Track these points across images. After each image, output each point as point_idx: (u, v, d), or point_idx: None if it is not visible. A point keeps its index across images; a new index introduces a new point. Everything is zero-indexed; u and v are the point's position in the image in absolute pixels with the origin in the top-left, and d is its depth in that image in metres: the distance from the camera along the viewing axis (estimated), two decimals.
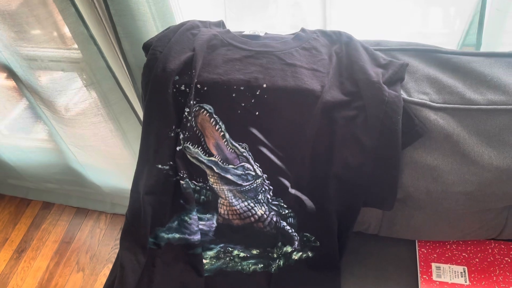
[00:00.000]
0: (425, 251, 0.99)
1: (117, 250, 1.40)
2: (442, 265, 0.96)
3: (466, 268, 0.95)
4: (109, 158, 1.53)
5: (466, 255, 0.97)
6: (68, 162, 1.62)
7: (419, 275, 0.94)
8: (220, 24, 0.99)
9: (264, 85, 0.86)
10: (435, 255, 0.98)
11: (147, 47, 0.93)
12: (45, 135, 1.58)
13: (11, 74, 1.33)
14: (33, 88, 1.31)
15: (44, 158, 1.67)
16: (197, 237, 0.91)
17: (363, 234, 1.03)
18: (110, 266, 1.60)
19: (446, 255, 0.98)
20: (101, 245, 1.69)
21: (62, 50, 1.24)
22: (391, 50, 0.90)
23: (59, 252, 1.68)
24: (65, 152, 1.56)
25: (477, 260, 0.96)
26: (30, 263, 1.66)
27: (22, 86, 1.36)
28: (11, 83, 1.39)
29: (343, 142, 0.85)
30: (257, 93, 0.86)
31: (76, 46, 1.19)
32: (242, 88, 0.87)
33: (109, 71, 1.23)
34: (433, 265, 0.96)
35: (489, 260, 0.96)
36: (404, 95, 0.84)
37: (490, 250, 0.97)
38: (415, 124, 0.82)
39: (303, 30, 0.94)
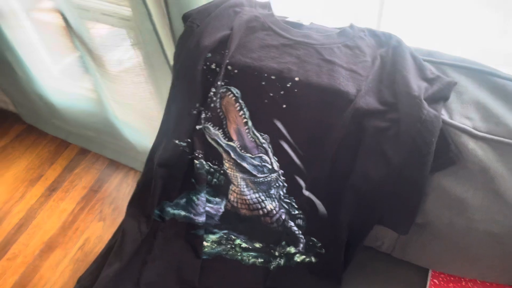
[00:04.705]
0: (437, 283, 0.92)
1: None
2: None
3: None
4: (145, 118, 1.55)
5: None
6: (107, 115, 1.65)
7: None
8: (267, 5, 0.94)
9: (297, 78, 0.81)
10: None
11: (186, 18, 0.90)
12: (90, 85, 1.62)
13: (66, 22, 1.35)
14: (82, 38, 1.33)
15: (86, 106, 1.71)
16: (201, 218, 0.90)
17: (375, 251, 0.98)
18: None
19: None
20: (125, 200, 1.71)
21: (114, 5, 1.25)
22: (442, 64, 0.82)
23: (86, 198, 1.74)
24: (106, 104, 1.60)
25: None
26: (58, 203, 1.73)
27: (74, 35, 1.38)
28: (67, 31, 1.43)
29: (368, 153, 0.79)
30: (288, 85, 0.82)
31: (127, 3, 1.18)
32: (273, 77, 0.82)
33: (155, 34, 1.22)
34: None
35: None
36: (445, 116, 0.76)
37: None
38: (450, 150, 0.75)
39: (351, 26, 0.88)
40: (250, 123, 0.86)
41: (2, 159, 1.89)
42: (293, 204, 0.88)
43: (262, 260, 0.91)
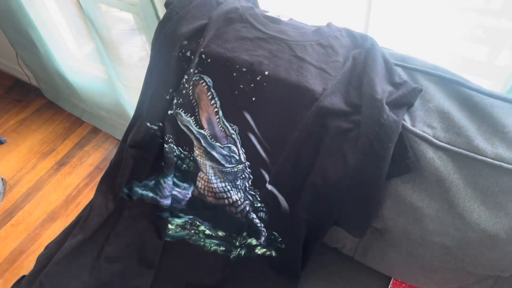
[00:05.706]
0: None
1: None
2: None
3: None
4: None
5: None
6: (117, 96, 1.71)
7: None
8: None
9: (266, 72, 0.82)
10: None
11: (168, 5, 0.92)
12: (102, 67, 1.68)
13: (79, 3, 1.41)
14: (90, 17, 1.37)
15: (100, 87, 1.77)
16: (167, 201, 0.92)
17: (340, 252, 0.97)
18: None
19: None
20: None
21: None
22: (414, 70, 0.80)
23: (91, 175, 1.81)
24: (115, 86, 1.65)
25: None
26: (65, 177, 1.81)
27: (86, 16, 1.43)
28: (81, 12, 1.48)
29: (329, 152, 0.79)
30: (258, 78, 0.83)
31: None
32: (244, 69, 0.84)
33: (158, 20, 1.25)
34: None
35: None
36: (407, 123, 0.75)
37: None
38: (408, 157, 0.74)
39: (328, 25, 0.87)
40: (220, 113, 0.87)
41: (21, 131, 1.99)
42: (257, 196, 0.89)
43: (223, 248, 0.93)
